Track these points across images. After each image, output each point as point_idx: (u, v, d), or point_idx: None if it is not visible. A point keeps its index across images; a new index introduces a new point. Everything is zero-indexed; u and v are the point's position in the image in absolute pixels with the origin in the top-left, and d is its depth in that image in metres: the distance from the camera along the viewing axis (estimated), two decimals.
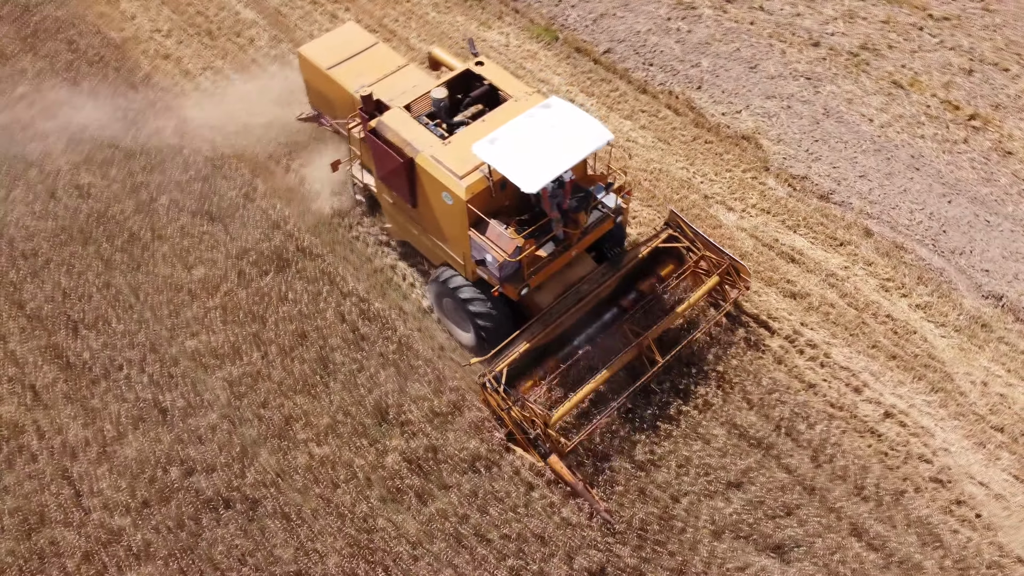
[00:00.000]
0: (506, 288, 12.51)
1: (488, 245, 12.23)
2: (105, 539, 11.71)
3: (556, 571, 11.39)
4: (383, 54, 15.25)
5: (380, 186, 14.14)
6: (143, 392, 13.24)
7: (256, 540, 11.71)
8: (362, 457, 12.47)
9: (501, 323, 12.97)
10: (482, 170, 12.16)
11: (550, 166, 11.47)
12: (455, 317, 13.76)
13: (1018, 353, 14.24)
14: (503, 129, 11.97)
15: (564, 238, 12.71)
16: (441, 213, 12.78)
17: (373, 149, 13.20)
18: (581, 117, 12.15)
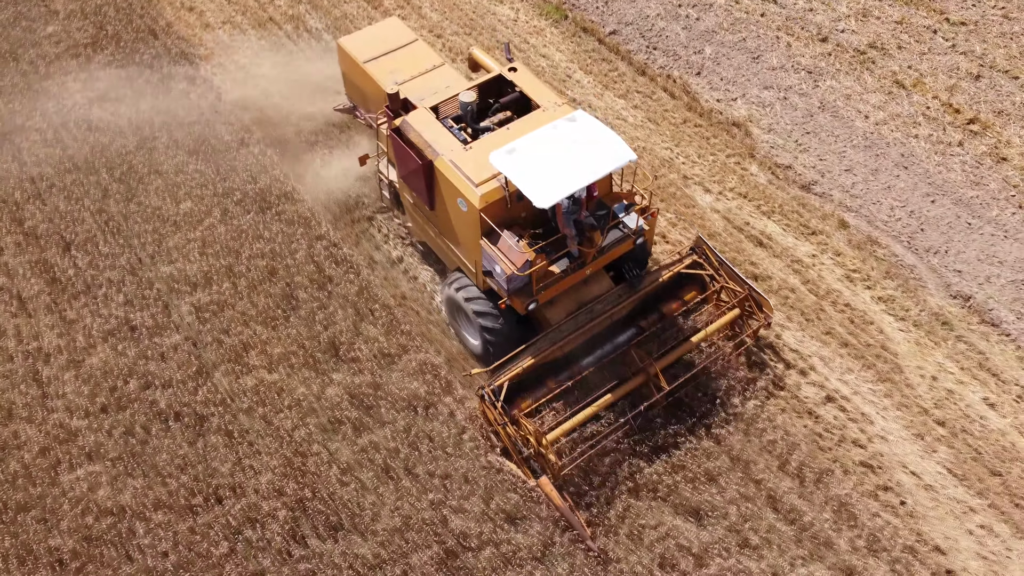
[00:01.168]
0: (513, 301, 12.15)
1: (498, 256, 11.83)
2: (62, 437, 12.58)
3: (473, 508, 11.84)
4: (421, 52, 15.11)
5: (402, 185, 13.95)
6: (117, 310, 14.10)
7: (199, 453, 12.42)
8: (307, 387, 13.09)
9: (507, 335, 12.61)
10: (499, 179, 11.83)
11: (566, 182, 11.08)
12: (464, 324, 13.48)
13: (975, 353, 14.12)
14: (523, 139, 11.65)
15: (578, 255, 12.26)
16: (456, 219, 12.50)
17: (395, 148, 13.02)
18: (605, 134, 11.72)
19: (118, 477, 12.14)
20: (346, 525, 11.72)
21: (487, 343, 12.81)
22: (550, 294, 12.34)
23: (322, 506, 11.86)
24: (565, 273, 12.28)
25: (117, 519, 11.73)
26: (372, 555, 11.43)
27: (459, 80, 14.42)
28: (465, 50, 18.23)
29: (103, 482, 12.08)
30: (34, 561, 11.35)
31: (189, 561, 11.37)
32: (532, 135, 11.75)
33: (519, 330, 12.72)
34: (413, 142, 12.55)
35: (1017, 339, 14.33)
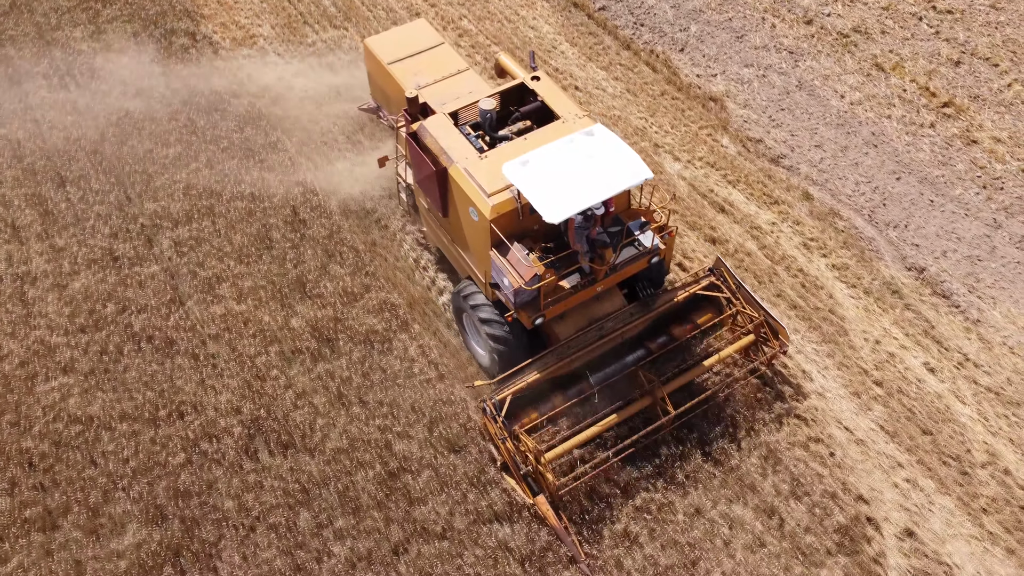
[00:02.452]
0: (520, 315, 11.88)
1: (507, 269, 11.53)
2: (41, 352, 13.44)
3: (417, 435, 12.49)
4: (446, 55, 14.97)
5: (417, 190, 13.85)
6: (102, 241, 14.96)
7: (166, 372, 13.22)
8: (272, 318, 13.84)
9: (514, 348, 12.31)
10: (512, 191, 11.57)
11: (578, 198, 10.83)
12: (473, 333, 13.24)
13: (922, 321, 14.49)
14: (538, 151, 11.44)
15: (589, 272, 12.00)
16: (468, 227, 12.30)
17: (411, 152, 12.97)
18: (621, 150, 11.47)
19: (89, 390, 12.95)
20: (296, 444, 12.43)
21: (493, 354, 12.52)
22: (558, 310, 12.04)
23: (275, 425, 12.59)
24: (575, 289, 11.92)
25: (85, 427, 12.54)
26: (318, 472, 12.13)
27: (482, 86, 14.26)
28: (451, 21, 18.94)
29: (75, 393, 12.90)
30: (6, 460, 12.19)
31: (148, 468, 12.14)
32: (547, 147, 11.50)
33: (526, 343, 12.41)
34: (429, 147, 12.40)
35: (966, 311, 14.68)
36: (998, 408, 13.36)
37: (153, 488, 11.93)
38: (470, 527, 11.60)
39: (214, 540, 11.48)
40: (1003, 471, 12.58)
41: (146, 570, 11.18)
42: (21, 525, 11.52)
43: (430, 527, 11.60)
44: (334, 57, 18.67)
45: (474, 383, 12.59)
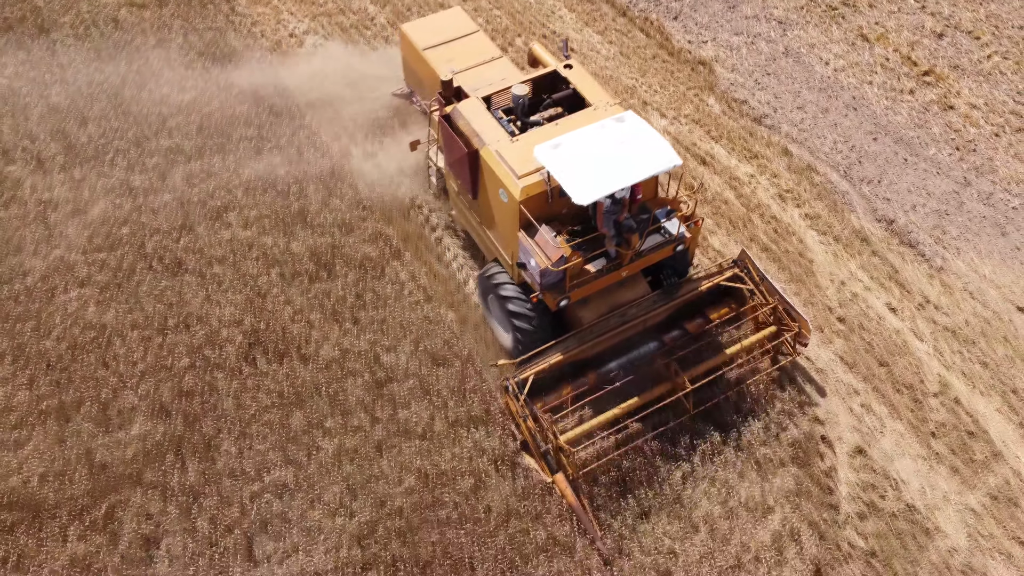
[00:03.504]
0: (545, 296, 12.04)
1: (534, 250, 11.75)
2: (61, 268, 14.49)
3: (404, 349, 13.45)
4: (480, 43, 15.27)
5: (448, 172, 14.06)
6: (119, 173, 16.05)
7: (175, 288, 14.24)
8: (274, 243, 14.84)
9: (538, 329, 12.51)
10: (542, 174, 11.75)
11: (607, 181, 10.98)
12: (497, 315, 13.44)
13: (887, 267, 15.27)
14: (570, 135, 11.61)
15: (615, 256, 12.15)
16: (497, 209, 12.50)
17: (444, 135, 13.15)
18: (651, 137, 11.59)
19: (104, 301, 13.99)
20: (292, 353, 13.41)
21: (517, 336, 12.73)
22: (583, 293, 12.18)
23: (273, 337, 13.58)
24: (600, 273, 12.06)
25: (99, 334, 13.57)
26: (311, 378, 13.10)
27: (515, 73, 14.47)
28: None
29: (91, 304, 13.94)
30: (26, 360, 13.24)
31: (155, 370, 13.15)
32: (578, 132, 11.65)
33: (550, 326, 12.58)
34: (461, 130, 12.63)
35: (930, 259, 15.45)
36: (954, 345, 14.13)
37: (159, 388, 12.94)
38: (448, 429, 12.53)
39: (213, 434, 12.47)
40: (953, 400, 13.36)
41: (150, 458, 12.18)
42: (38, 416, 12.57)
43: (412, 428, 12.55)
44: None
45: (498, 362, 12.73)
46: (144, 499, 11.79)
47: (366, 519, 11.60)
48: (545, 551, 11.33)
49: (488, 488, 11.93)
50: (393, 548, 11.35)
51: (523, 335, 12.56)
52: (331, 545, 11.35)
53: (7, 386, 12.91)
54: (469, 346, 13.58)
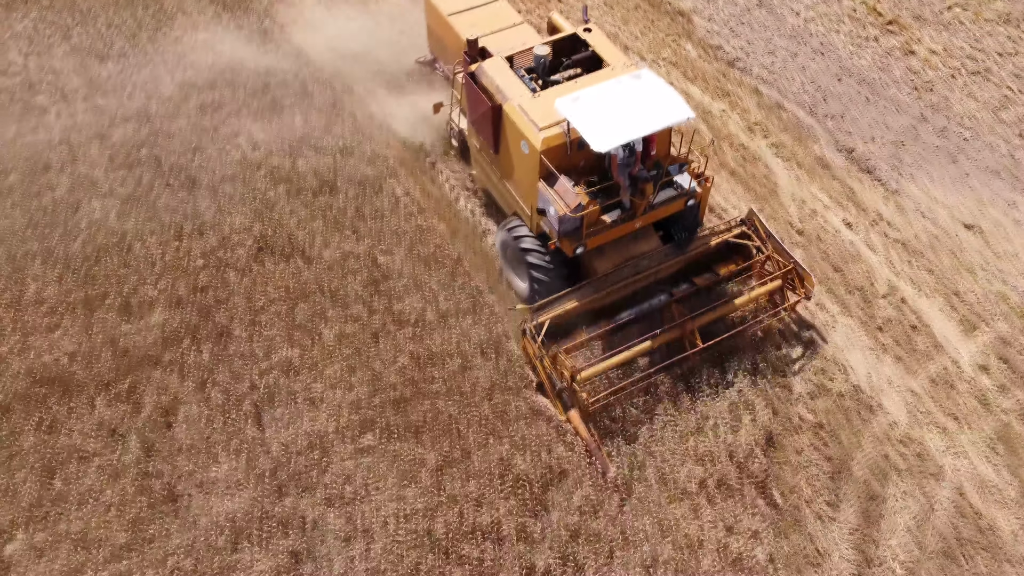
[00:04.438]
0: (563, 243, 12.60)
1: (553, 197, 12.33)
2: (85, 184, 15.81)
3: (398, 253, 14.75)
4: (503, 10, 15.87)
5: (471, 131, 14.53)
6: (137, 103, 17.38)
7: (189, 202, 15.54)
8: (280, 162, 16.16)
9: (554, 277, 13.12)
10: (562, 127, 12.33)
11: (623, 130, 11.59)
12: (515, 266, 14.02)
13: (846, 189, 16.56)
14: (589, 89, 12.21)
15: (630, 207, 12.76)
16: (518, 162, 13.05)
17: (468, 92, 13.69)
18: (666, 92, 12.18)
19: (124, 212, 15.29)
20: (297, 255, 14.71)
21: (534, 284, 13.32)
22: (598, 241, 12.76)
23: (280, 241, 14.88)
24: (615, 223, 12.67)
25: (120, 239, 14.87)
26: (314, 276, 14.39)
27: (536, 38, 14.98)
28: None
29: (112, 214, 15.24)
30: (55, 261, 14.52)
31: (172, 269, 14.44)
32: (597, 87, 12.23)
33: (566, 275, 13.24)
34: (485, 87, 13.23)
35: (886, 183, 16.74)
36: (903, 255, 15.41)
37: (175, 284, 14.23)
38: (438, 319, 13.82)
39: (225, 323, 13.76)
40: (900, 300, 14.64)
41: (168, 342, 13.46)
42: (67, 307, 13.85)
43: (404, 318, 13.84)
44: None
45: (516, 306, 13.47)
46: (163, 376, 13.07)
47: (364, 392, 12.88)
48: (524, 418, 12.59)
49: (474, 368, 13.21)
50: (388, 416, 12.63)
51: (540, 283, 13.23)
52: (332, 412, 12.63)
53: (38, 282, 14.20)
54: (458, 250, 14.87)
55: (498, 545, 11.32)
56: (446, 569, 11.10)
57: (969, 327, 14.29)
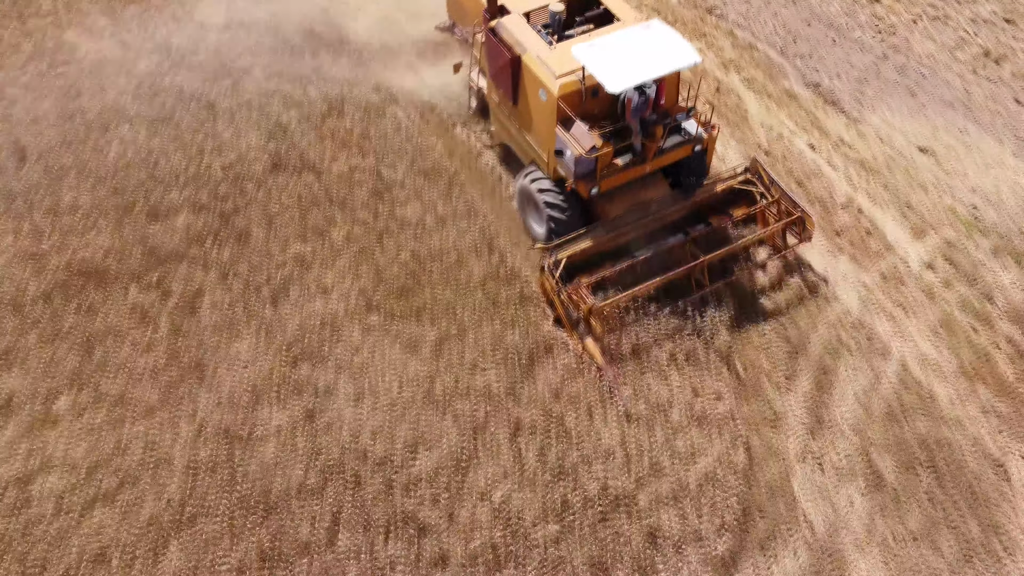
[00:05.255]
0: (579, 185, 13.43)
1: (569, 140, 13.15)
2: (113, 108, 17.27)
3: (400, 167, 16.23)
4: None
5: (490, 86, 15.38)
6: (160, 39, 18.90)
7: (209, 124, 17.00)
8: (293, 89, 17.70)
9: (570, 218, 13.91)
10: (577, 75, 13.11)
11: (635, 73, 12.43)
12: (532, 212, 14.84)
13: (811, 117, 18.02)
14: (603, 37, 13.12)
15: (641, 150, 13.56)
16: (536, 110, 13.89)
17: (488, 47, 14.55)
18: (675, 39, 13.01)
19: (150, 132, 16.76)
20: (308, 170, 16.15)
21: (551, 225, 14.15)
22: (611, 183, 13.56)
23: (293, 156, 16.35)
24: (627, 166, 13.54)
25: (147, 155, 16.33)
26: (324, 187, 15.85)
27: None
28: None
29: (140, 134, 16.71)
30: (88, 174, 15.96)
31: (195, 180, 15.90)
32: (611, 35, 13.08)
33: (580, 217, 14.09)
34: (505, 40, 14.15)
35: (849, 113, 18.20)
36: (861, 173, 16.87)
37: (198, 192, 15.67)
38: (437, 223, 15.29)
39: (244, 225, 15.21)
40: (857, 209, 16.10)
41: (192, 241, 14.90)
42: (100, 212, 15.28)
43: (406, 221, 15.30)
44: None
45: (535, 246, 14.44)
46: (189, 269, 14.52)
47: (369, 282, 14.34)
48: (514, 303, 14.04)
49: (468, 263, 14.67)
50: (391, 301, 14.09)
51: (556, 224, 14.09)
52: (341, 297, 14.09)
53: (73, 192, 15.64)
54: (455, 166, 16.33)
55: (489, 403, 12.76)
56: (443, 423, 12.54)
57: (919, 233, 15.75)
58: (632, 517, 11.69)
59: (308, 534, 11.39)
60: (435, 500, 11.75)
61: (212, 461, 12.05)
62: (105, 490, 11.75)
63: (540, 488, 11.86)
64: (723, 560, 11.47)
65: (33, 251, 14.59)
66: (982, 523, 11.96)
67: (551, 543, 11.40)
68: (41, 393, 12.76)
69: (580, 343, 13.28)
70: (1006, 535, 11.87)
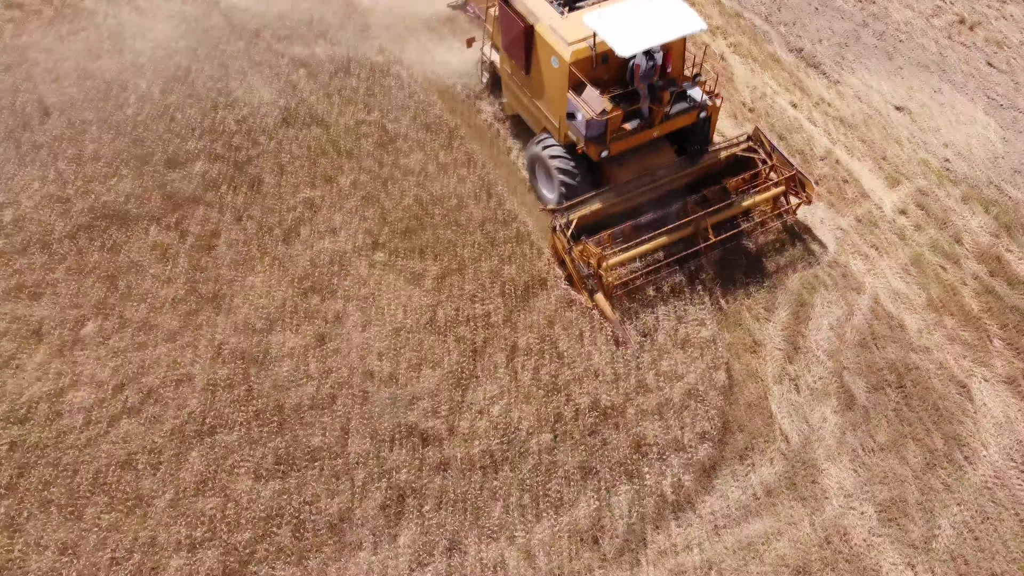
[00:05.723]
0: (589, 148, 14.04)
1: (581, 104, 13.83)
2: (131, 68, 18.19)
3: (403, 120, 17.19)
4: None
5: (503, 57, 16.04)
6: (174, 6, 19.82)
7: (223, 81, 17.93)
8: (301, 51, 18.57)
9: (580, 181, 14.51)
10: (588, 42, 13.79)
11: (644, 37, 13.11)
12: (543, 178, 15.54)
13: (794, 78, 18.99)
14: (613, 5, 13.71)
15: (649, 115, 14.25)
16: (548, 77, 14.50)
17: (502, 18, 15.19)
18: (682, 7, 13.68)
19: (167, 89, 17.66)
20: (316, 123, 17.10)
21: (562, 189, 14.73)
22: (620, 147, 14.20)
23: (302, 112, 17.29)
24: (635, 131, 14.23)
25: (164, 110, 17.23)
26: (330, 140, 16.79)
27: None
28: None
29: (156, 90, 17.65)
30: (109, 127, 16.88)
31: (210, 132, 16.80)
32: (620, 4, 13.65)
33: (590, 181, 14.73)
34: (518, 11, 14.74)
35: (829, 75, 19.17)
36: (840, 129, 17.83)
37: (213, 143, 16.60)
38: (438, 171, 16.23)
39: (257, 173, 16.14)
40: (835, 161, 17.06)
41: (208, 187, 15.81)
42: (121, 161, 16.19)
43: (409, 170, 16.24)
44: None
45: (546, 207, 15.06)
46: (205, 212, 15.45)
47: (375, 223, 15.27)
48: (511, 242, 14.97)
49: (468, 206, 15.61)
50: (396, 240, 15.02)
51: (567, 188, 14.70)
52: (348, 236, 15.02)
53: (95, 143, 16.55)
54: (455, 120, 17.28)
55: (487, 329, 13.69)
56: (444, 347, 13.47)
57: (893, 182, 16.71)
58: (620, 428, 12.61)
59: (320, 442, 12.31)
60: (436, 413, 12.67)
61: (230, 379, 12.97)
62: (131, 405, 12.66)
63: (535, 403, 12.79)
64: (703, 466, 12.40)
65: (59, 195, 15.51)
66: (945, 436, 12.89)
67: (545, 451, 12.32)
68: (69, 320, 13.67)
69: (590, 299, 13.94)
70: (967, 446, 12.80)
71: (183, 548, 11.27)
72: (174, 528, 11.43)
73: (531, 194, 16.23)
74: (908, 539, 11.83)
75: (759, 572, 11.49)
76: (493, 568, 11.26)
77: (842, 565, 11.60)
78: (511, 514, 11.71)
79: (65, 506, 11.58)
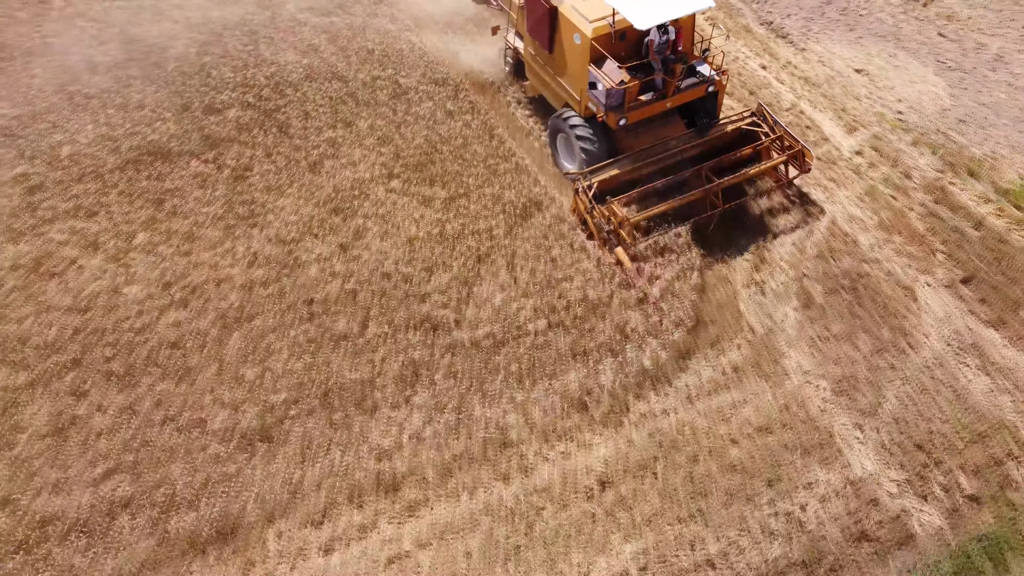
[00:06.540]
0: (608, 116, 15.38)
1: (601, 76, 15.21)
2: (170, 34, 20.31)
3: (414, 75, 19.26)
4: None
5: (527, 40, 17.39)
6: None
7: (252, 46, 20.03)
8: (320, 20, 20.71)
9: (600, 148, 15.85)
10: (607, 20, 15.23)
11: (660, 12, 14.49)
12: (565, 150, 16.89)
13: (765, 46, 21.14)
14: None
15: (662, 86, 15.66)
16: (570, 54, 15.90)
17: (527, 1, 16.64)
18: None
19: (202, 51, 19.80)
20: (336, 78, 19.17)
21: (583, 156, 16.00)
22: (636, 116, 15.49)
23: (324, 68, 19.38)
24: (650, 101, 15.66)
25: (200, 68, 19.33)
26: (349, 92, 18.84)
27: None
28: None
29: (193, 51, 19.76)
30: (151, 81, 18.93)
31: (242, 85, 18.89)
32: None
33: (609, 149, 16.08)
34: None
35: (796, 43, 21.33)
36: (805, 87, 19.92)
37: (245, 95, 18.66)
38: (446, 116, 18.26)
39: (284, 119, 18.16)
40: (799, 112, 19.11)
41: (242, 129, 17.82)
42: (163, 108, 18.23)
43: (421, 116, 18.27)
44: None
45: (571, 171, 16.48)
46: (239, 149, 17.43)
47: (390, 158, 17.24)
48: (511, 172, 16.94)
49: (472, 144, 17.61)
50: (409, 172, 16.98)
51: (588, 155, 16.04)
52: (367, 168, 16.98)
53: (140, 94, 18.61)
54: (460, 76, 19.36)
55: (490, 241, 15.58)
56: (453, 254, 15.35)
57: (851, 129, 18.74)
58: (606, 318, 14.44)
59: (344, 327, 14.12)
60: (446, 305, 14.50)
61: (265, 279, 14.82)
62: (178, 298, 14.50)
63: (532, 296, 14.63)
64: (679, 349, 14.20)
65: (109, 135, 17.49)
66: (892, 328, 14.72)
67: (541, 333, 14.14)
68: (122, 233, 15.56)
69: (610, 253, 15.24)
70: (911, 336, 14.62)
71: (227, 407, 13.02)
72: (219, 391, 13.19)
73: (529, 138, 18.24)
74: (857, 407, 13.59)
75: (727, 431, 13.23)
76: (496, 423, 13.02)
77: (799, 426, 13.34)
78: (510, 382, 13.49)
79: (123, 376, 13.34)
